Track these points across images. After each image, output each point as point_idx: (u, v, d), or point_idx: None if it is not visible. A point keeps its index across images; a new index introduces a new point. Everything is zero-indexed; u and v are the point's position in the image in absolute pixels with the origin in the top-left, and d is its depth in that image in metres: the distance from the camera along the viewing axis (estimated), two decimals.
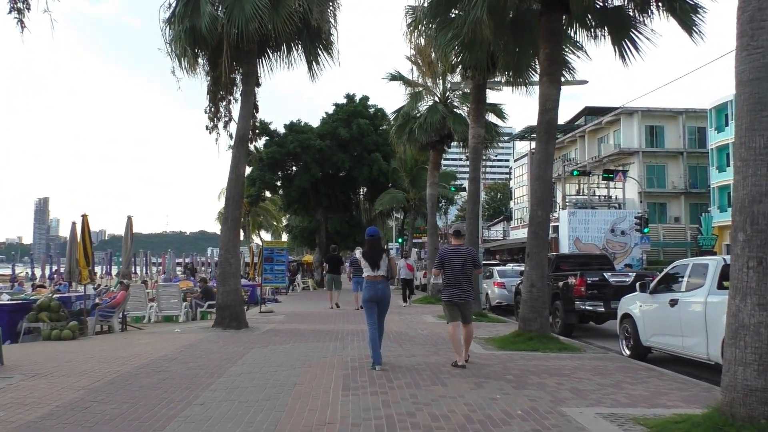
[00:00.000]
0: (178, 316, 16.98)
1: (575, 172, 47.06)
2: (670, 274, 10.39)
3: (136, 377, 7.66)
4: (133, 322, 16.90)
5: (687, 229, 54.56)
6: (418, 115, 25.32)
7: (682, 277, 9.85)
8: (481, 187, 18.29)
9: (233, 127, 14.25)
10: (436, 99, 25.28)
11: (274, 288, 25.99)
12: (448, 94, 25.63)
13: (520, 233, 66.88)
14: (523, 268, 24.96)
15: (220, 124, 14.30)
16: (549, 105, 11.72)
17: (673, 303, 9.60)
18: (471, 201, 17.88)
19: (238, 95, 14.47)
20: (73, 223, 13.48)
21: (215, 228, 59.08)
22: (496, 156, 27.47)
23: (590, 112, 67.24)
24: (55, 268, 36.25)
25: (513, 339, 11.52)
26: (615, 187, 54.99)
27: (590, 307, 14.42)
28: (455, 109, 25.27)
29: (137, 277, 28.34)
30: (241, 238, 57.27)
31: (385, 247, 9.92)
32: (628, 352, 10.98)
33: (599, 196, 56.47)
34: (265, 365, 8.66)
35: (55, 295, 13.95)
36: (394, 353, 10.28)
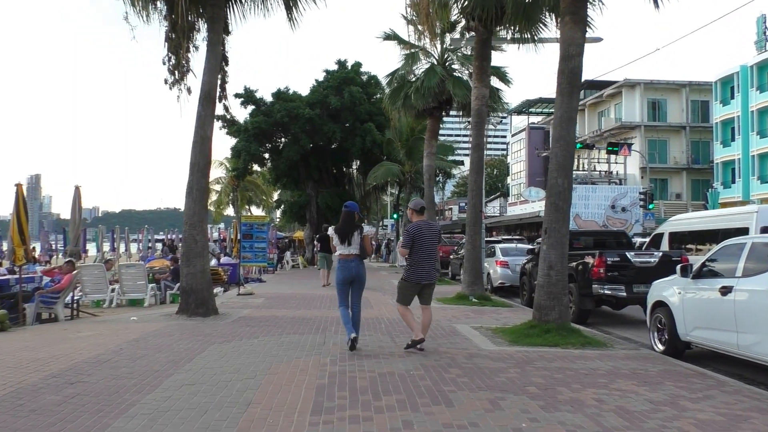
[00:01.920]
0: (143, 300, 15.09)
1: (578, 145, 45.01)
2: (720, 255, 8.52)
3: (34, 394, 5.76)
4: (94, 306, 15.06)
5: (689, 206, 52.87)
6: (414, 79, 23.25)
7: (738, 258, 7.95)
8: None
9: (197, 82, 12.20)
10: (434, 61, 23.16)
11: (261, 267, 24.13)
12: (447, 55, 23.53)
13: (517, 209, 65.33)
14: (528, 246, 23.37)
15: (183, 82, 12.20)
16: (572, 51, 9.75)
17: (726, 291, 7.73)
18: (474, 171, 15.92)
19: (201, 43, 12.42)
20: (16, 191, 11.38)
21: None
22: (500, 122, 25.41)
23: (589, 85, 65.27)
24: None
25: (526, 331, 9.67)
26: (616, 162, 53.31)
27: (610, 291, 12.62)
28: (455, 73, 23.19)
29: (98, 256, 26.37)
30: (231, 213, 55.43)
31: (360, 224, 8.72)
32: (661, 347, 9.15)
33: (600, 171, 54.78)
34: (218, 371, 6.77)
35: None
36: (386, 348, 8.44)
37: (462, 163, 46.22)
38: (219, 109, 13.15)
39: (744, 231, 14.00)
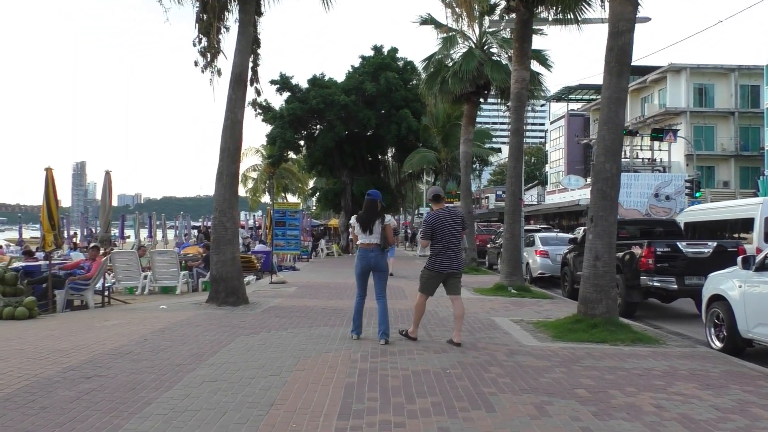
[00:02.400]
0: (175, 287, 14.89)
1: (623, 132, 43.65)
2: None
3: (48, 389, 5.43)
4: (127, 293, 14.93)
5: (737, 194, 51.03)
6: (451, 63, 22.60)
7: None
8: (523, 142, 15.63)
9: (228, 65, 11.82)
10: (472, 44, 22.47)
11: (295, 255, 23.86)
12: (485, 38, 22.81)
13: (556, 198, 64.10)
14: (568, 236, 22.59)
15: (214, 63, 11.83)
16: (622, 26, 9.06)
17: None
18: (513, 157, 15.28)
19: (232, 24, 12.02)
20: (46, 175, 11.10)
21: (242, 191, 57.39)
22: (542, 106, 24.35)
23: (632, 71, 63.61)
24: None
25: (571, 325, 9.09)
26: (660, 150, 51.72)
27: (659, 284, 11.93)
28: (493, 56, 22.46)
29: (135, 242, 26.42)
30: (267, 200, 55.44)
31: (383, 213, 8.41)
32: (718, 344, 8.48)
33: (642, 158, 53.21)
34: (242, 366, 6.38)
35: (15, 264, 11.86)
36: (420, 342, 7.95)
37: (499, 150, 45.33)
38: (250, 93, 12.79)
39: (750, 222, 14.04)
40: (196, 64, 12.06)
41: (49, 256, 11.21)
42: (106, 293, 12.59)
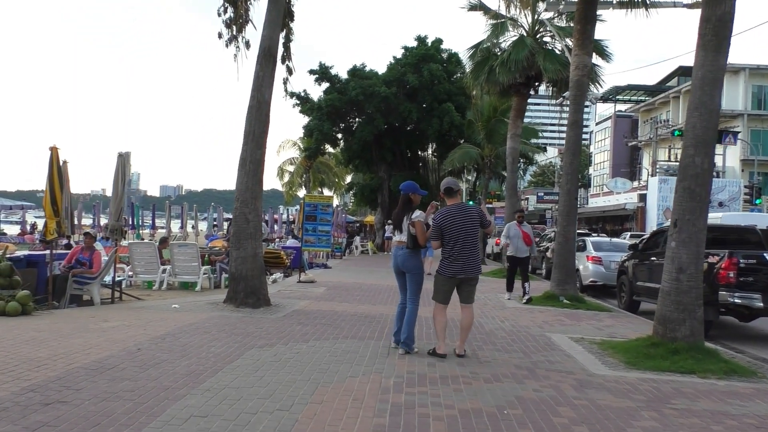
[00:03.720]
0: (196, 283, 13.77)
1: (677, 132, 41.40)
2: None
3: None
4: (147, 287, 13.88)
5: None
6: (499, 52, 21.07)
7: None
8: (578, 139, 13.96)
9: (255, 38, 10.59)
10: (523, 32, 20.90)
11: (327, 252, 22.65)
12: (537, 27, 21.21)
13: (600, 201, 61.87)
14: (622, 241, 20.84)
15: (240, 34, 10.59)
16: None
17: None
18: (570, 151, 13.72)
19: None
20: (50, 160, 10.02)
21: (278, 185, 56.28)
22: (599, 98, 22.42)
23: (684, 72, 61.40)
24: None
25: (646, 350, 7.58)
26: (715, 153, 49.25)
27: (741, 300, 10.32)
28: (546, 45, 20.85)
29: (154, 234, 25.50)
30: (301, 194, 54.50)
31: (414, 208, 7.30)
32: None
33: None
34: (245, 394, 5.08)
35: (11, 252, 10.80)
36: (466, 365, 6.57)
37: (545, 149, 43.42)
38: (281, 72, 11.56)
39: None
40: (219, 36, 10.88)
41: (51, 246, 10.12)
42: (119, 288, 11.48)
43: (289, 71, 12.00)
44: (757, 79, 50.28)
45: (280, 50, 11.14)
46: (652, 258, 12.98)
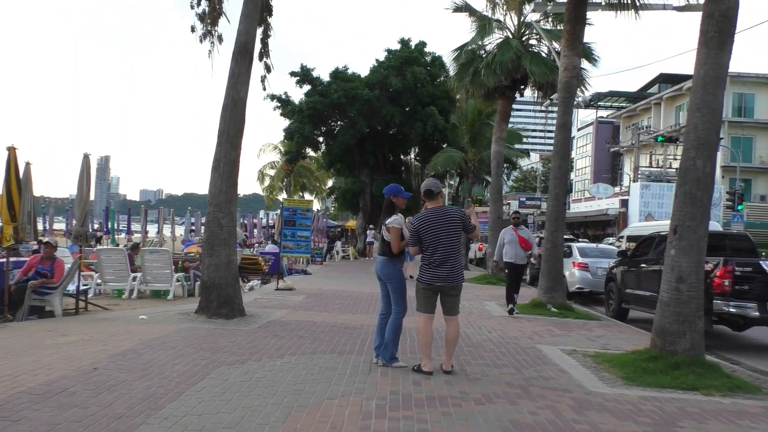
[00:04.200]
0: (168, 291, 13.12)
1: (660, 138, 41.45)
2: None
3: None
4: (117, 296, 13.21)
5: None
6: (484, 54, 20.65)
7: None
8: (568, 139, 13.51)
9: (231, 33, 10.02)
10: (509, 34, 20.50)
11: (306, 258, 22.02)
12: (523, 29, 20.84)
13: (581, 206, 61.83)
14: (608, 246, 20.46)
15: (214, 28, 10.01)
16: None
17: None
18: (558, 155, 13.29)
19: None
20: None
21: (260, 189, 55.30)
22: (588, 100, 21.86)
23: (665, 79, 61.94)
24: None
25: (645, 364, 7.12)
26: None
27: (736, 310, 9.98)
28: (532, 48, 20.48)
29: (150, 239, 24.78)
30: (282, 198, 53.76)
31: (393, 212, 6.83)
32: None
33: (676, 168, 50.83)
34: (209, 424, 4.50)
35: None
36: (453, 383, 6.03)
37: (528, 154, 43.17)
38: (259, 69, 11.00)
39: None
40: (193, 29, 10.29)
41: (7, 253, 9.43)
42: (84, 297, 10.82)
43: (267, 69, 11.43)
44: (738, 87, 50.58)
45: (258, 46, 10.57)
46: (642, 265, 12.60)
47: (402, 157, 37.58)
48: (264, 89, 11.30)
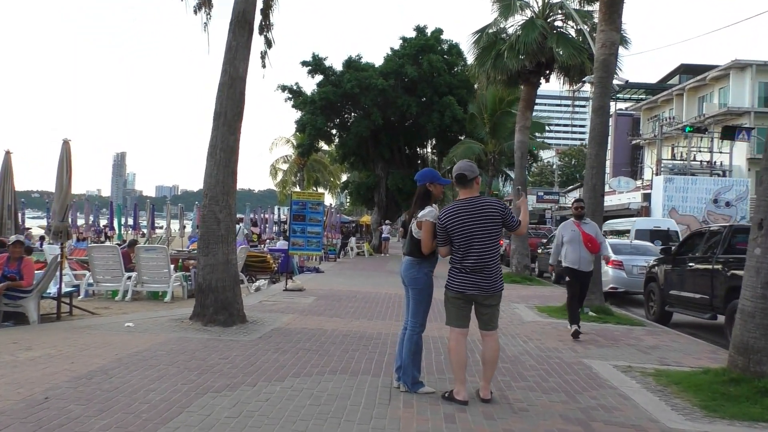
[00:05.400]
0: (165, 293, 11.96)
1: (688, 129, 39.79)
2: None
3: None
4: (112, 296, 12.09)
5: None
6: (506, 37, 19.31)
7: None
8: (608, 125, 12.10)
9: (228, 2, 8.78)
10: (534, 14, 19.16)
11: (318, 255, 20.79)
12: (548, 11, 19.47)
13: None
14: (645, 243, 19.03)
15: None
16: None
17: None
18: (595, 141, 11.96)
19: None
20: None
21: (273, 184, 53.97)
22: (625, 82, 20.28)
23: (686, 70, 60.17)
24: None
25: (723, 387, 5.85)
26: (721, 152, 47.75)
27: None
28: (558, 29, 19.12)
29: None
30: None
31: (427, 203, 5.49)
32: None
33: (701, 161, 49.10)
34: None
35: None
36: (497, 418, 4.77)
37: (549, 146, 41.70)
38: (259, 44, 9.79)
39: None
40: None
41: None
42: (66, 301, 9.67)
43: (269, 44, 10.17)
44: (764, 76, 48.86)
45: (258, 18, 9.34)
46: (690, 264, 11.27)
47: (418, 150, 36.24)
48: (264, 66, 10.07)
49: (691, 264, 11.22)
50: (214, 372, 5.86)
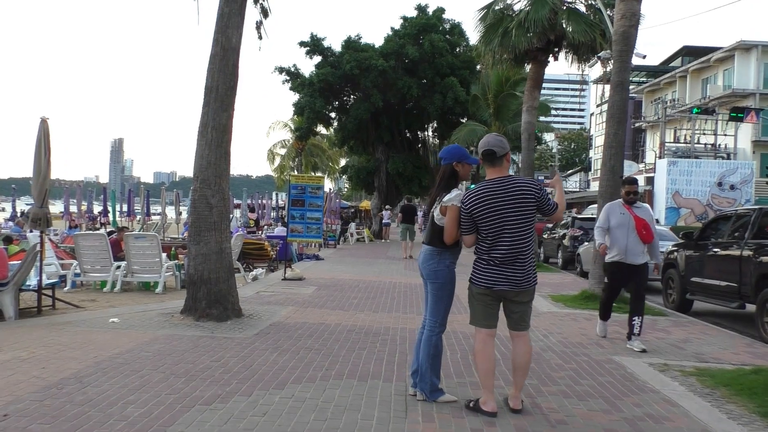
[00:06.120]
0: (157, 283, 11.25)
1: (695, 110, 38.97)
2: None
3: None
4: (100, 287, 11.37)
5: None
6: (513, 14, 18.48)
7: None
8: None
9: None
10: None
11: (318, 242, 20.06)
12: None
13: None
14: (660, 228, 18.31)
15: None
16: None
17: None
18: (614, 119, 11.19)
19: None
20: None
21: (271, 170, 52.88)
22: (644, 57, 19.61)
23: (688, 52, 59.30)
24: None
25: None
26: (725, 134, 47.01)
27: None
28: (569, 4, 18.28)
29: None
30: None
31: (452, 186, 4.72)
32: None
33: (705, 144, 48.33)
34: None
35: None
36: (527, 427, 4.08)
37: (554, 129, 40.88)
38: (254, 14, 8.98)
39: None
40: None
41: None
42: (49, 293, 8.96)
43: (264, 13, 9.36)
44: None
45: None
46: (715, 249, 10.58)
47: (419, 133, 35.39)
48: (260, 38, 9.30)
49: (715, 249, 10.54)
50: (205, 378, 5.15)
